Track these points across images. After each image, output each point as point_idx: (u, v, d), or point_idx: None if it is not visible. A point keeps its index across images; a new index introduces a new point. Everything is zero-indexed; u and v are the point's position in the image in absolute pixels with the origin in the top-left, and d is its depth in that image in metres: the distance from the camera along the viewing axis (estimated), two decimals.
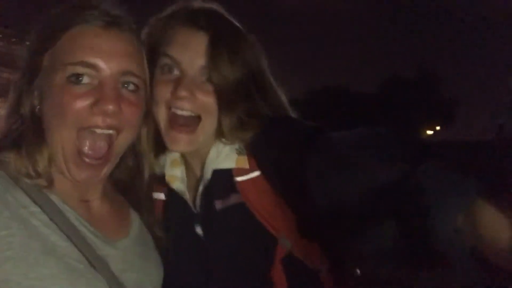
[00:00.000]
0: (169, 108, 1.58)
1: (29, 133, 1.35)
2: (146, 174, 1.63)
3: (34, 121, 1.37)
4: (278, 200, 1.51)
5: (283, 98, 1.71)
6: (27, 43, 1.43)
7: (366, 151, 1.19)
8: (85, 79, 1.34)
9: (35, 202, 1.28)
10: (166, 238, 1.68)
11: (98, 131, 1.36)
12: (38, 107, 1.38)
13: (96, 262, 1.32)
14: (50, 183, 1.34)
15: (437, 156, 1.06)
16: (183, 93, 1.53)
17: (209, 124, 1.59)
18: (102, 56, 1.34)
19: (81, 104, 1.32)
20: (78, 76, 1.33)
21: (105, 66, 1.34)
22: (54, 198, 1.34)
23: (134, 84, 1.43)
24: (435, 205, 0.94)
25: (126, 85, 1.41)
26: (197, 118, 1.58)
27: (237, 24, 1.66)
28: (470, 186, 0.95)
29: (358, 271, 1.54)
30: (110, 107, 1.32)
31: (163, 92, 1.58)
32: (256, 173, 1.55)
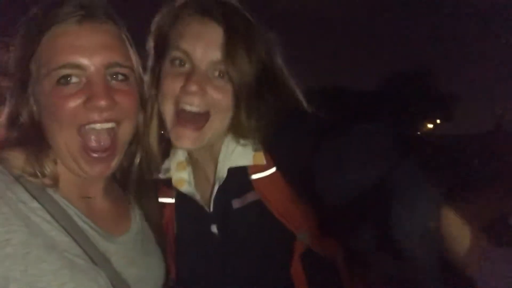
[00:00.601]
0: (177, 103, 1.54)
1: (32, 137, 1.36)
2: (143, 158, 1.62)
3: (34, 127, 1.37)
4: (294, 196, 1.49)
5: (298, 93, 1.65)
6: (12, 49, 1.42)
7: (357, 150, 1.23)
8: (74, 79, 1.33)
9: (36, 198, 1.28)
10: (180, 242, 1.68)
11: (98, 126, 1.36)
12: (36, 112, 1.38)
13: (97, 258, 1.33)
14: (55, 182, 1.35)
15: (421, 153, 1.13)
16: (193, 88, 1.47)
17: (218, 121, 1.54)
18: (83, 54, 1.33)
19: (74, 103, 1.32)
20: (66, 77, 1.32)
21: (89, 63, 1.33)
22: (55, 194, 1.35)
23: (122, 74, 1.41)
24: (405, 209, 1.00)
25: (115, 76, 1.40)
26: (206, 115, 1.53)
27: (251, 17, 1.58)
28: (438, 194, 1.01)
29: None
30: (103, 103, 1.32)
31: (172, 86, 1.53)
32: (272, 170, 1.53)
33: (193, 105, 1.51)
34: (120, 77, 1.41)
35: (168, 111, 1.56)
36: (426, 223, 0.98)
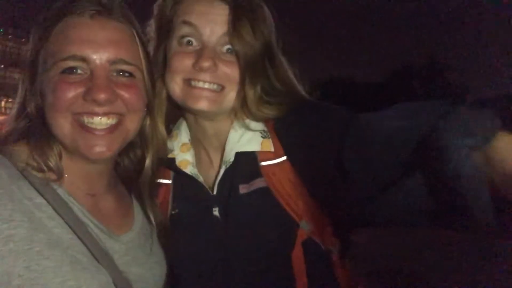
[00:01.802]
0: (187, 80, 1.56)
1: (37, 130, 1.35)
2: (150, 164, 1.62)
3: (40, 119, 1.37)
4: (300, 185, 1.52)
5: (293, 77, 1.69)
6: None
7: (395, 120, 1.25)
8: (79, 71, 1.34)
9: (40, 194, 1.28)
10: (177, 221, 1.69)
11: (97, 121, 1.35)
12: (41, 104, 1.38)
13: (99, 256, 1.32)
14: (60, 176, 1.35)
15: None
16: (206, 63, 1.50)
17: (231, 94, 1.58)
18: (90, 47, 1.34)
19: (74, 91, 1.32)
20: (71, 69, 1.33)
21: (94, 57, 1.34)
22: (60, 191, 1.34)
23: (127, 72, 1.41)
24: (453, 145, 1.00)
25: (121, 74, 1.40)
26: (222, 90, 1.57)
27: None
28: (491, 120, 1.00)
29: None
30: (102, 96, 1.32)
31: (182, 64, 1.55)
32: (282, 158, 1.55)
33: (206, 81, 1.54)
34: (126, 74, 1.41)
35: (179, 89, 1.59)
36: (479, 154, 0.99)
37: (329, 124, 1.49)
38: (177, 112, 1.75)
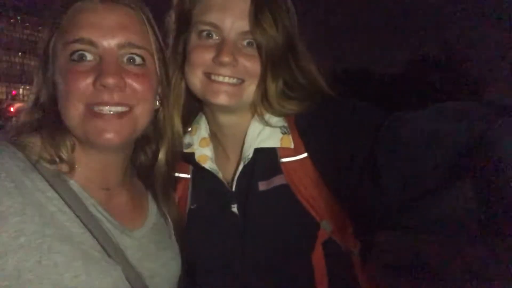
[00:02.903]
0: (207, 74, 1.54)
1: (50, 121, 1.34)
2: (164, 157, 1.60)
3: (52, 109, 1.35)
4: (321, 183, 1.47)
5: (315, 70, 1.63)
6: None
7: (439, 120, 1.15)
8: (88, 57, 1.32)
9: (53, 187, 1.26)
10: (195, 216, 1.67)
11: (107, 109, 1.32)
12: (53, 93, 1.37)
13: (112, 251, 1.30)
14: (72, 169, 1.33)
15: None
16: (226, 58, 1.47)
17: (251, 88, 1.55)
18: (99, 31, 1.32)
19: (84, 81, 1.29)
20: (80, 54, 1.31)
21: (103, 41, 1.32)
22: (73, 184, 1.33)
23: (139, 56, 1.38)
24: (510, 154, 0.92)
25: (132, 61, 1.38)
26: (241, 83, 1.54)
27: None
28: None
29: None
30: (111, 81, 1.29)
31: (203, 57, 1.53)
32: (303, 155, 1.50)
33: (226, 75, 1.51)
34: (137, 60, 1.39)
35: (197, 83, 1.57)
36: None
37: (357, 122, 1.41)
38: (196, 105, 1.72)
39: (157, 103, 1.52)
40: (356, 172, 1.33)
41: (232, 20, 1.50)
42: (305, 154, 1.51)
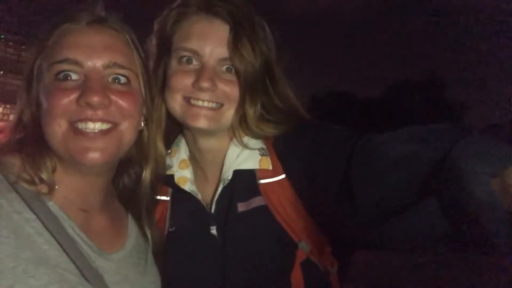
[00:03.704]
0: (186, 98, 1.57)
1: (32, 141, 1.33)
2: (149, 178, 1.59)
3: (35, 129, 1.35)
4: (299, 204, 1.50)
5: (292, 93, 1.68)
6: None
7: (408, 141, 1.21)
8: (73, 76, 1.33)
9: (31, 208, 1.24)
10: (174, 239, 1.66)
11: (91, 126, 1.32)
12: (36, 112, 1.36)
13: (89, 274, 1.28)
14: (51, 190, 1.31)
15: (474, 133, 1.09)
16: (205, 84, 1.51)
17: (230, 112, 1.58)
18: (84, 52, 1.34)
19: (67, 98, 1.30)
20: (65, 74, 1.32)
21: (88, 61, 1.33)
22: (51, 205, 1.30)
23: (123, 76, 1.40)
24: (470, 174, 0.97)
25: (116, 80, 1.39)
26: (220, 107, 1.57)
27: (253, 12, 1.63)
28: (505, 152, 0.98)
29: None
30: (95, 98, 1.29)
31: (183, 83, 1.56)
32: (281, 176, 1.53)
33: (205, 100, 1.55)
34: (122, 80, 1.40)
35: (179, 106, 1.59)
36: (494, 181, 0.97)
37: (332, 144, 1.45)
38: (176, 128, 1.74)
39: (142, 123, 1.52)
40: (332, 193, 1.35)
41: (212, 47, 1.54)
42: (283, 176, 1.54)
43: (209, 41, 1.55)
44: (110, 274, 1.38)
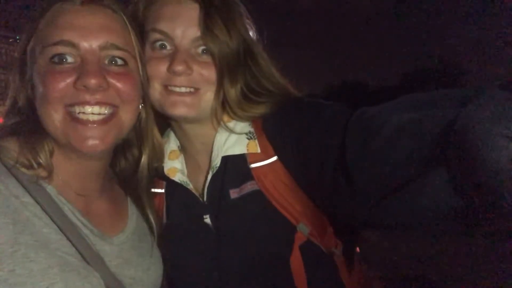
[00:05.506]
0: (164, 86, 1.52)
1: (28, 125, 1.31)
2: (147, 161, 1.58)
3: (31, 113, 1.33)
4: (295, 186, 1.45)
5: (277, 73, 1.62)
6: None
7: (407, 110, 1.07)
8: (69, 59, 1.30)
9: (29, 192, 1.22)
10: (170, 231, 1.64)
11: (89, 110, 1.30)
12: (31, 96, 1.34)
13: (90, 257, 1.27)
14: (50, 174, 1.29)
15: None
16: (179, 67, 1.47)
17: (208, 95, 1.53)
18: (80, 33, 1.31)
19: (64, 81, 1.27)
20: (60, 57, 1.29)
21: (84, 42, 1.31)
22: (50, 189, 1.28)
23: (120, 58, 1.37)
24: (485, 138, 0.81)
25: (113, 62, 1.37)
26: (196, 92, 1.52)
27: None
28: None
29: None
30: (92, 81, 1.27)
31: (157, 70, 1.52)
32: (273, 159, 1.48)
33: (182, 85, 1.50)
34: (119, 61, 1.37)
35: (156, 94, 1.54)
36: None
37: (325, 121, 1.37)
38: (164, 119, 1.69)
39: (140, 106, 1.50)
40: (328, 172, 1.29)
41: (183, 28, 1.50)
42: (275, 158, 1.48)
43: (180, 22, 1.50)
44: (112, 257, 1.38)
